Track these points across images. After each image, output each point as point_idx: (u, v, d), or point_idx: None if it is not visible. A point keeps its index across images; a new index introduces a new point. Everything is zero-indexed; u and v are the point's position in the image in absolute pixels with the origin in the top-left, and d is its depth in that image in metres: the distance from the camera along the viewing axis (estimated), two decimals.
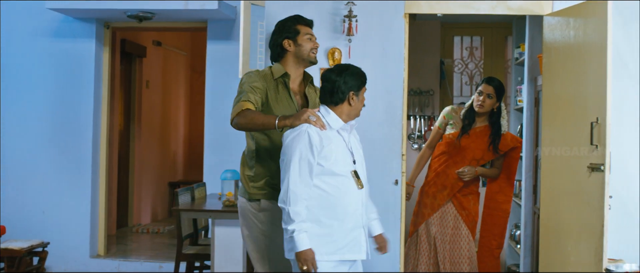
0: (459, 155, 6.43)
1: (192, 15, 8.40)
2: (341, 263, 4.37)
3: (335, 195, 4.33)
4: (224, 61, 8.60)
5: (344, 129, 4.44)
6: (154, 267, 8.60)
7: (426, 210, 6.50)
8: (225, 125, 8.62)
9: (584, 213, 5.04)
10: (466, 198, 6.47)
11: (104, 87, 8.87)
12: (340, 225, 4.32)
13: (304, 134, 4.30)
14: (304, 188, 4.27)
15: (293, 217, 4.22)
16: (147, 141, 11.52)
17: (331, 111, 4.42)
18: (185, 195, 7.30)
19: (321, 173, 4.31)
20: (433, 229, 6.43)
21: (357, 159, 4.47)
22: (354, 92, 4.42)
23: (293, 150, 4.30)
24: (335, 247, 4.32)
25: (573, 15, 5.32)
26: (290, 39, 4.85)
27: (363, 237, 4.44)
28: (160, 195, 12.18)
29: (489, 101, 6.33)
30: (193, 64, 13.32)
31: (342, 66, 4.50)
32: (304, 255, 4.23)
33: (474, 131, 6.43)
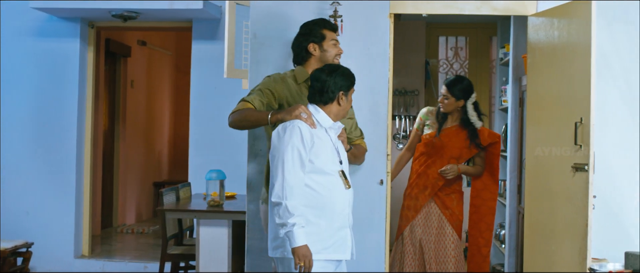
0: (438, 154, 6.45)
1: (177, 14, 8.39)
2: (327, 262, 4.37)
3: (323, 194, 4.33)
4: (209, 61, 8.60)
5: (332, 128, 4.45)
6: (138, 267, 8.58)
7: (410, 212, 6.51)
8: (211, 125, 8.68)
9: (568, 213, 5.06)
10: (449, 198, 6.46)
11: (89, 86, 8.84)
12: (327, 224, 4.32)
13: (296, 128, 4.30)
14: (299, 181, 4.26)
15: (291, 210, 4.18)
16: (131, 141, 11.49)
17: (320, 110, 4.44)
18: (170, 195, 7.29)
19: (311, 171, 4.31)
20: (418, 231, 6.43)
21: (343, 160, 4.49)
22: (344, 92, 4.45)
23: (286, 145, 4.29)
24: (322, 246, 4.32)
25: (557, 16, 5.34)
26: (316, 43, 4.90)
27: (349, 237, 4.44)
28: (145, 195, 12.15)
29: (446, 101, 6.40)
30: (178, 63, 13.29)
31: (333, 66, 4.52)
32: (302, 250, 4.19)
33: (449, 130, 6.45)
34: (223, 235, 6.55)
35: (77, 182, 8.69)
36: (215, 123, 8.66)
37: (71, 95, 8.68)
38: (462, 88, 6.39)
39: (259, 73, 5.62)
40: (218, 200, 6.84)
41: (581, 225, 4.85)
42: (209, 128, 8.71)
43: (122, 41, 10.91)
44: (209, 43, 8.67)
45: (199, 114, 8.77)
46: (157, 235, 10.36)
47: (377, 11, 5.61)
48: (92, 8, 8.12)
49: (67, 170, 8.67)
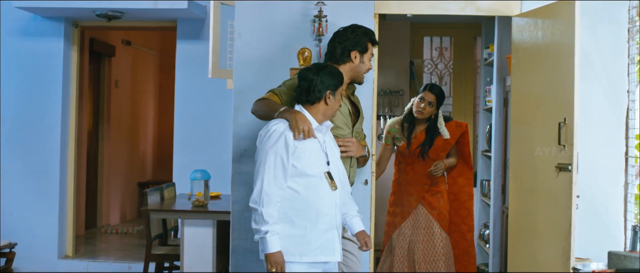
0: (415, 160, 6.54)
1: (161, 14, 8.37)
2: (315, 265, 4.36)
3: (308, 196, 4.30)
4: (194, 61, 8.58)
5: (318, 130, 4.41)
6: (122, 268, 8.56)
7: (396, 218, 6.58)
8: (195, 125, 8.67)
9: (551, 213, 5.08)
10: (435, 198, 6.51)
11: (73, 86, 8.80)
12: (313, 227, 4.30)
13: (280, 134, 4.27)
14: (278, 190, 4.24)
15: (266, 218, 4.19)
16: (116, 141, 11.45)
17: (306, 111, 4.41)
18: (155, 195, 7.27)
19: (294, 174, 4.28)
20: (407, 233, 6.50)
21: (331, 160, 4.45)
22: (331, 91, 4.41)
23: (267, 150, 4.27)
24: (308, 249, 4.30)
25: (541, 17, 5.36)
26: (360, 52, 4.92)
27: (337, 239, 4.41)
28: (129, 196, 12.11)
29: (429, 109, 6.46)
30: (162, 63, 13.26)
31: (320, 65, 4.49)
32: (274, 257, 4.21)
33: (420, 134, 6.53)
34: (207, 235, 6.54)
35: (60, 182, 8.66)
36: (199, 123, 8.65)
37: (55, 95, 8.64)
38: (443, 97, 6.55)
39: (244, 73, 5.62)
40: (202, 200, 6.83)
41: (565, 224, 4.87)
42: (194, 128, 8.70)
43: (107, 41, 10.88)
44: (194, 43, 8.65)
45: (184, 113, 8.75)
46: (142, 235, 10.34)
47: (361, 11, 5.62)
48: (77, 7, 8.09)
49: (51, 170, 8.64)
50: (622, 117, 5.77)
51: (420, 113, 6.46)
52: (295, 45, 5.57)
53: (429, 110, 6.46)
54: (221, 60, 6.90)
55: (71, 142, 8.79)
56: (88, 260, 8.71)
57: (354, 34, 4.96)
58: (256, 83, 5.50)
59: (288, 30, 5.61)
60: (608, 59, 5.78)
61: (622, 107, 5.77)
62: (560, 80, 5.02)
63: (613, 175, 5.77)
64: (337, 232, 4.41)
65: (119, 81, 11.54)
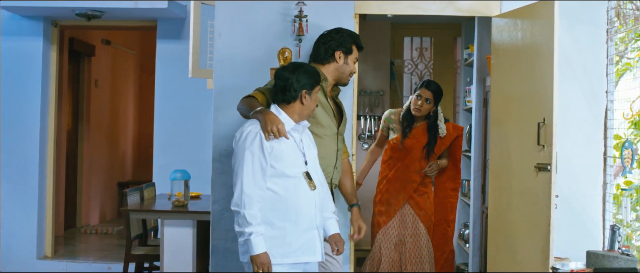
0: (408, 157, 6.50)
1: (141, 14, 8.33)
2: (296, 265, 4.34)
3: (287, 197, 4.29)
4: (174, 60, 8.56)
5: (295, 130, 4.40)
6: (102, 268, 8.52)
7: (382, 218, 6.53)
8: (175, 125, 8.64)
9: (531, 213, 5.10)
10: (422, 198, 6.52)
11: (52, 86, 8.75)
12: (293, 227, 4.29)
13: (255, 134, 4.25)
14: (258, 190, 4.23)
15: (249, 220, 4.18)
16: (95, 141, 11.40)
17: (282, 111, 4.38)
18: (134, 195, 7.25)
19: (273, 175, 4.27)
20: (393, 233, 6.48)
21: (309, 160, 4.43)
22: (307, 90, 4.38)
23: (244, 152, 4.26)
24: (289, 250, 4.29)
25: (520, 17, 5.38)
26: (344, 53, 4.94)
27: (317, 239, 4.40)
28: (109, 196, 12.06)
29: (426, 105, 6.45)
30: (143, 63, 13.21)
31: (296, 64, 4.47)
32: (259, 258, 4.20)
33: (416, 131, 6.51)
34: (187, 236, 6.52)
35: (39, 182, 8.61)
36: (180, 123, 8.63)
37: (34, 94, 8.59)
38: (441, 93, 6.52)
39: (224, 73, 5.61)
40: (182, 201, 6.81)
41: (544, 224, 4.89)
42: (174, 128, 8.67)
43: (86, 40, 10.82)
44: (174, 42, 8.63)
45: (164, 113, 8.73)
46: (121, 236, 10.29)
47: (342, 11, 5.62)
48: (56, 7, 8.04)
49: (30, 170, 8.59)
50: (600, 117, 5.80)
51: (418, 110, 6.45)
52: (276, 45, 5.57)
53: (426, 107, 6.44)
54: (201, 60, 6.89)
55: (50, 142, 8.74)
56: (67, 261, 8.66)
57: (338, 35, 4.98)
58: (236, 83, 5.50)
59: (268, 30, 5.61)
60: (587, 60, 5.81)
61: (600, 108, 5.80)
62: (540, 81, 5.04)
63: (592, 175, 5.80)
64: (317, 232, 4.40)
65: (99, 81, 11.49)
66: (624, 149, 5.35)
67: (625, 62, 6.16)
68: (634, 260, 4.72)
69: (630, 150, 5.35)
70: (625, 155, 5.36)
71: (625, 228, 5.51)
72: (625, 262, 4.72)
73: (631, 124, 5.93)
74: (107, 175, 11.96)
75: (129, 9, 8.03)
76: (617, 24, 5.81)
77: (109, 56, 11.90)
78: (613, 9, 5.80)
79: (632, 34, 5.92)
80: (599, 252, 4.91)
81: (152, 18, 8.63)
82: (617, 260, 4.75)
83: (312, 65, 4.94)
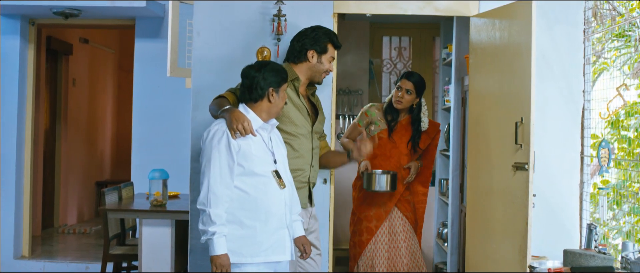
0: (396, 153, 6.28)
1: (119, 12, 8.30)
2: (267, 265, 4.34)
3: (256, 196, 4.28)
4: (153, 59, 8.54)
5: (263, 128, 4.39)
6: (80, 268, 8.48)
7: (371, 223, 6.23)
8: (154, 124, 8.62)
9: (508, 212, 5.12)
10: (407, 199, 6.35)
11: (29, 85, 8.70)
12: (263, 226, 4.28)
13: (222, 133, 4.26)
14: (225, 189, 4.23)
15: (214, 219, 4.18)
16: (73, 140, 11.34)
17: (250, 110, 4.38)
18: (112, 194, 7.22)
19: (241, 174, 4.26)
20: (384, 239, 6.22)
21: (278, 159, 4.43)
22: (274, 88, 4.37)
23: (211, 151, 4.25)
24: (259, 249, 4.28)
25: (498, 17, 5.40)
26: (317, 52, 4.94)
27: (287, 238, 4.40)
28: (86, 195, 12.00)
29: (407, 97, 6.19)
30: (121, 62, 13.16)
31: (262, 62, 4.46)
32: (219, 259, 4.20)
33: (400, 126, 6.29)
34: (166, 235, 6.51)
35: (16, 182, 8.55)
36: (158, 122, 8.61)
37: (11, 93, 8.53)
38: (424, 85, 6.28)
39: (202, 72, 5.60)
40: (161, 200, 6.79)
41: (521, 223, 4.92)
42: (152, 127, 8.65)
43: (64, 39, 10.76)
44: (152, 41, 8.60)
45: (142, 112, 8.70)
46: (99, 235, 10.24)
47: (320, 11, 5.63)
48: (33, 5, 7.99)
49: (7, 170, 8.53)
50: (578, 117, 5.83)
51: (399, 102, 6.19)
52: (255, 44, 5.56)
53: (408, 98, 6.18)
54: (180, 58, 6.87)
55: (27, 141, 8.69)
56: (45, 261, 8.62)
57: (314, 33, 4.98)
58: (215, 82, 5.49)
59: (247, 29, 5.60)
60: (564, 59, 5.84)
61: (578, 107, 5.83)
62: (518, 80, 5.06)
63: (569, 174, 5.83)
64: (287, 231, 4.40)
65: (77, 80, 11.43)
66: (601, 148, 5.39)
67: (602, 62, 6.21)
68: (611, 259, 4.76)
69: (606, 150, 5.39)
70: (602, 155, 5.40)
71: (602, 227, 5.54)
72: (601, 261, 4.75)
73: (608, 124, 5.98)
74: (85, 175, 11.90)
75: (107, 7, 7.99)
76: (594, 24, 5.85)
77: (87, 55, 11.84)
78: (590, 9, 5.84)
79: (608, 34, 5.97)
80: (576, 251, 4.94)
81: (130, 17, 8.60)
82: (594, 258, 4.79)
83: (286, 64, 4.96)
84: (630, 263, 4.33)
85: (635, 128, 6.04)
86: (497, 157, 5.30)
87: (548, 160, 5.72)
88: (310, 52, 4.95)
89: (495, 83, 5.45)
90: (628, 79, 5.74)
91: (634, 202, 5.91)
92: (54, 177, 10.92)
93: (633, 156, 6.04)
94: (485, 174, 5.50)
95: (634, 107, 5.94)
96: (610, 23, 5.81)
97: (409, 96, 6.19)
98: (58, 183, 10.97)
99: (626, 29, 6.02)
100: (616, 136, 6.22)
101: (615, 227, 6.09)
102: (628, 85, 5.45)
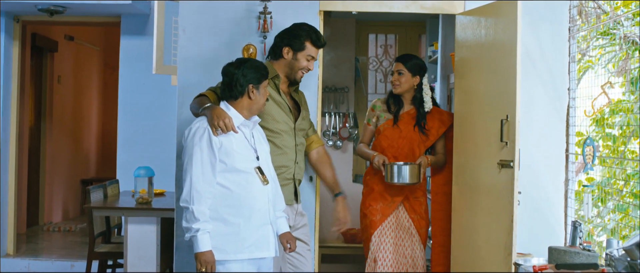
0: (403, 146, 5.75)
1: (105, 9, 8.28)
2: (251, 261, 4.34)
3: (239, 192, 4.29)
4: (138, 57, 8.52)
5: (245, 125, 4.40)
6: (65, 266, 8.45)
7: (376, 217, 5.74)
8: (139, 121, 8.60)
9: (494, 209, 5.13)
10: (417, 201, 5.81)
11: (14, 82, 8.67)
12: (246, 223, 4.29)
13: (203, 130, 4.27)
14: (207, 186, 4.23)
15: (197, 216, 4.18)
16: (58, 138, 11.30)
17: (231, 107, 4.38)
18: (98, 192, 7.20)
19: (224, 170, 4.27)
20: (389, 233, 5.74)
21: (261, 155, 4.43)
22: (254, 85, 4.37)
23: (193, 147, 4.26)
24: (243, 245, 4.29)
25: (484, 15, 5.41)
26: (292, 49, 4.92)
27: (271, 234, 4.41)
28: (72, 193, 11.96)
29: (399, 78, 5.71)
30: (106, 59, 13.13)
31: (242, 59, 4.47)
32: (204, 256, 4.20)
33: (407, 114, 5.79)
34: (151, 233, 6.49)
35: (1, 179, 8.52)
36: (144, 119, 8.59)
37: None
38: (418, 62, 5.78)
39: (188, 69, 5.59)
40: (146, 197, 6.78)
41: (507, 220, 4.93)
42: (138, 124, 8.63)
43: (49, 36, 10.72)
44: (138, 38, 8.58)
45: (128, 110, 8.68)
46: (85, 233, 10.21)
47: (306, 8, 5.63)
48: (18, 2, 7.96)
49: None
50: (563, 115, 5.85)
51: (396, 86, 5.73)
52: (240, 42, 5.57)
53: (400, 78, 5.69)
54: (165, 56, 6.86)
55: (12, 138, 8.66)
56: (30, 259, 8.58)
57: (293, 31, 4.97)
58: (201, 79, 5.48)
59: (233, 26, 5.60)
60: (550, 57, 5.86)
61: (563, 105, 5.85)
62: (503, 78, 5.08)
63: (554, 172, 5.86)
64: (271, 227, 4.40)
65: (62, 77, 11.39)
66: (586, 146, 5.41)
67: (587, 60, 6.24)
68: (595, 256, 4.78)
69: (591, 147, 5.42)
70: (586, 152, 5.42)
71: (586, 225, 5.57)
72: (586, 258, 4.77)
73: (593, 121, 6.00)
74: (70, 172, 11.86)
75: (92, 4, 7.97)
76: (579, 22, 5.87)
77: (72, 52, 11.80)
78: (575, 8, 5.86)
79: (593, 32, 5.99)
80: (561, 248, 4.96)
81: (115, 14, 8.58)
82: (579, 255, 4.81)
83: (267, 61, 4.97)
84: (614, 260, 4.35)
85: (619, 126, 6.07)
86: (482, 154, 5.31)
87: (533, 158, 5.74)
88: (285, 49, 4.94)
89: (481, 81, 5.46)
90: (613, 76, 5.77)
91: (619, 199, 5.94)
92: (39, 175, 10.88)
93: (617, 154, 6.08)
94: (470, 172, 5.52)
95: (618, 105, 5.97)
96: (595, 21, 5.83)
97: (400, 77, 5.70)
98: (43, 180, 10.93)
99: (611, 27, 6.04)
100: (601, 134, 6.24)
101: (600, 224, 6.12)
102: (613, 83, 5.48)
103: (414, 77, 5.72)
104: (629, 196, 5.93)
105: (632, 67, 5.90)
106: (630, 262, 4.17)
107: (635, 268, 4.13)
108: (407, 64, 5.70)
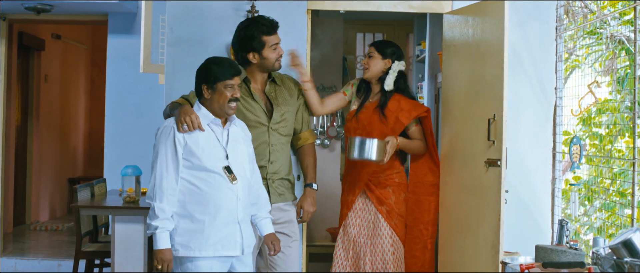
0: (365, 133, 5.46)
1: (92, 8, 8.26)
2: (220, 260, 4.34)
3: (206, 190, 4.32)
4: (125, 55, 8.51)
5: (215, 124, 4.42)
6: (52, 266, 8.42)
7: (343, 210, 5.61)
8: (127, 120, 8.58)
9: (481, 208, 5.14)
10: (385, 191, 5.49)
11: (0, 81, 8.63)
12: (212, 221, 4.31)
13: (169, 129, 4.33)
14: (171, 184, 4.27)
15: (157, 213, 4.23)
16: (45, 136, 11.26)
17: (202, 106, 4.42)
18: (85, 191, 7.17)
19: (191, 168, 4.31)
20: (352, 231, 5.53)
21: (231, 154, 4.43)
22: (207, 86, 4.40)
23: (159, 146, 4.33)
24: (207, 243, 4.30)
25: (471, 14, 5.42)
26: (256, 51, 4.91)
27: (238, 233, 4.40)
28: (59, 192, 11.92)
29: (368, 60, 5.49)
30: (94, 58, 13.09)
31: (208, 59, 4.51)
32: (161, 254, 4.24)
33: (370, 105, 5.56)
34: (139, 232, 6.48)
35: None
36: (131, 118, 8.57)
37: None
38: (391, 46, 5.54)
39: (175, 68, 5.58)
40: (134, 196, 6.76)
41: (494, 219, 4.94)
42: (125, 123, 8.61)
43: (36, 34, 10.68)
44: (125, 37, 8.57)
45: (115, 109, 8.66)
46: (72, 233, 10.18)
47: (294, 7, 5.63)
48: (4, 0, 7.93)
49: None
50: (550, 113, 5.87)
51: (365, 70, 5.50)
52: (228, 41, 5.56)
53: (369, 61, 5.48)
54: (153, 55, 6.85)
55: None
56: (16, 258, 8.55)
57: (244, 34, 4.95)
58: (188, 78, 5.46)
59: (220, 25, 5.59)
60: (537, 56, 5.88)
61: (550, 104, 5.87)
62: (490, 77, 5.09)
63: (541, 171, 5.87)
64: (239, 226, 4.39)
65: (49, 75, 11.35)
66: (573, 145, 5.43)
67: (574, 59, 6.26)
68: (582, 254, 4.80)
69: (578, 146, 5.43)
70: (573, 151, 5.44)
71: (573, 223, 5.59)
72: (573, 256, 4.79)
73: (579, 120, 6.03)
74: (57, 171, 11.82)
75: (79, 2, 7.95)
76: (566, 22, 5.89)
77: (59, 51, 11.76)
78: (562, 7, 5.88)
79: (580, 31, 6.01)
80: (548, 246, 4.97)
81: (103, 12, 8.56)
82: (565, 254, 4.82)
83: None
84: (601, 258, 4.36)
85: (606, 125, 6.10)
86: (469, 153, 5.32)
87: (520, 157, 5.75)
88: (250, 55, 4.95)
89: (468, 79, 5.46)
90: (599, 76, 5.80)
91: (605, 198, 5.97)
92: (26, 174, 10.84)
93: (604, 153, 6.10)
94: (457, 170, 5.52)
95: (605, 104, 6.00)
96: (582, 20, 5.85)
97: (371, 60, 5.49)
98: (30, 179, 10.89)
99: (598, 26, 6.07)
100: (588, 133, 6.27)
101: (587, 222, 6.15)
102: (599, 83, 5.50)
103: (384, 59, 5.48)
104: (615, 195, 5.96)
105: (618, 66, 5.93)
106: (617, 261, 4.19)
107: (621, 266, 4.14)
108: (379, 47, 5.50)
